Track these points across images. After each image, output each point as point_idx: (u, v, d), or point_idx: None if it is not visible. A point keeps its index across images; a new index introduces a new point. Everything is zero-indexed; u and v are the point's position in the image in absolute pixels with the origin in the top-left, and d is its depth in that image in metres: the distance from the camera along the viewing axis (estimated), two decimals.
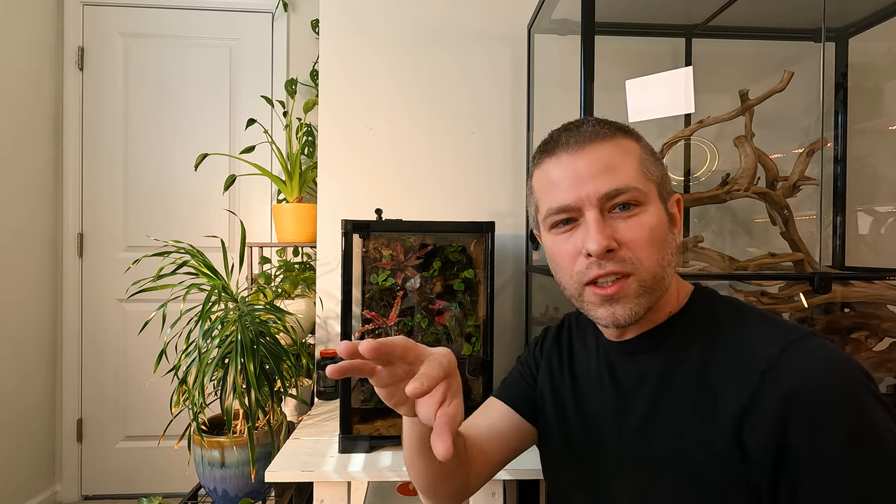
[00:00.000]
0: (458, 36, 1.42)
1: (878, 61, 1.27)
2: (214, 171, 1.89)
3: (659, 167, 0.55)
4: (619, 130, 0.55)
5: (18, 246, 1.75)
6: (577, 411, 0.62)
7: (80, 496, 1.95)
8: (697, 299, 0.56)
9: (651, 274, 0.51)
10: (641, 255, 0.51)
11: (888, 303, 0.95)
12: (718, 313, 0.53)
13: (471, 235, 1.06)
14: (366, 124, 1.41)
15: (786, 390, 0.43)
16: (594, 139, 0.53)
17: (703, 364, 0.50)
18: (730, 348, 0.50)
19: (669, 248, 0.53)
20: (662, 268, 0.52)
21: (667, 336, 0.55)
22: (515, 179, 1.42)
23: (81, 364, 1.95)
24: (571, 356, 0.66)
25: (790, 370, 0.44)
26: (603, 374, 0.60)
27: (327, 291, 1.41)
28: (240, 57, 1.96)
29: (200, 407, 1.03)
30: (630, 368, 0.57)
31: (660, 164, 0.55)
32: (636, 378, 0.56)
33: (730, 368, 0.48)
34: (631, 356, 0.57)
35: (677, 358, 0.53)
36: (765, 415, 0.44)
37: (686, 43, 1.37)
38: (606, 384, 0.59)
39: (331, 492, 0.92)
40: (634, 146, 0.54)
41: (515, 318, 1.43)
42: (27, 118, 1.78)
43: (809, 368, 0.44)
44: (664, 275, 0.52)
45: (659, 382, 0.53)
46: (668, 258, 0.53)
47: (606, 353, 0.60)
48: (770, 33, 1.34)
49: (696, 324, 0.54)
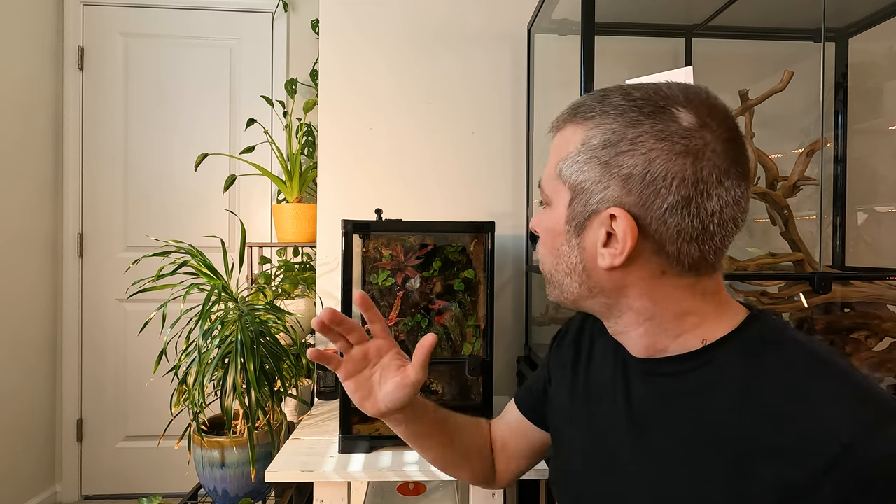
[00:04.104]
0: (459, 36, 1.42)
1: (878, 61, 1.27)
2: (214, 171, 1.89)
3: (591, 171, 0.45)
4: (573, 116, 0.48)
5: (18, 246, 1.75)
6: (587, 421, 0.57)
7: (80, 496, 1.96)
8: (748, 330, 0.46)
9: (548, 270, 0.52)
10: (541, 250, 0.53)
11: (888, 303, 0.95)
12: (775, 354, 0.43)
13: (471, 235, 1.06)
14: (366, 124, 1.41)
15: (862, 486, 0.35)
16: (557, 126, 0.51)
17: (744, 410, 0.42)
18: (788, 405, 0.40)
19: (564, 260, 0.49)
20: (555, 274, 0.51)
21: (699, 365, 0.46)
22: (515, 179, 1.42)
23: (81, 364, 1.95)
24: (590, 359, 0.60)
25: (873, 465, 0.35)
26: (616, 389, 0.53)
27: (327, 291, 1.41)
28: (240, 57, 1.96)
29: (200, 407, 1.03)
30: (650, 388, 0.50)
31: (599, 168, 0.45)
32: (654, 401, 0.49)
33: (785, 431, 0.39)
34: (651, 376, 0.50)
35: (710, 395, 0.44)
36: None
37: (686, 43, 1.37)
38: (619, 400, 0.53)
39: (331, 492, 0.92)
40: (574, 139, 0.47)
41: (515, 318, 1.42)
42: (27, 118, 1.78)
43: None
44: (560, 280, 0.51)
45: (683, 414, 0.46)
46: (564, 269, 0.50)
47: (624, 364, 0.54)
48: (770, 33, 1.34)
49: (740, 360, 0.44)
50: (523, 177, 1.41)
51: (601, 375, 0.57)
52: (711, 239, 0.44)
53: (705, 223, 0.43)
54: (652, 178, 0.43)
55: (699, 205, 0.43)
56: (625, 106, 0.45)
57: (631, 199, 0.44)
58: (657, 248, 0.45)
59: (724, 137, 0.43)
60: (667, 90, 0.45)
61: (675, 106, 0.44)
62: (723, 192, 0.43)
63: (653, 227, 0.44)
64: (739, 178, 0.44)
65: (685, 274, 0.46)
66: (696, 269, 0.45)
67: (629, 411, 0.51)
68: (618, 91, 0.47)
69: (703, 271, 0.46)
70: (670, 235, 0.44)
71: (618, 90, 0.47)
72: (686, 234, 0.43)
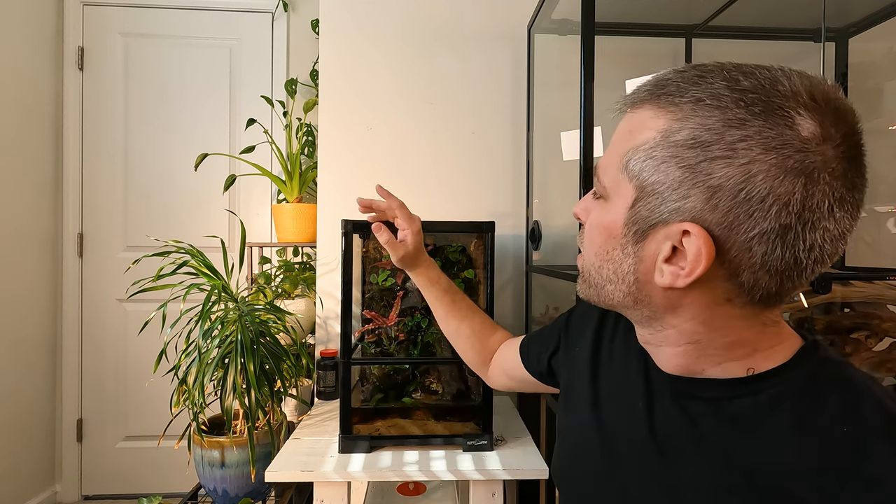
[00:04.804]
0: (458, 36, 1.42)
1: (878, 61, 1.27)
2: (214, 171, 1.89)
3: (669, 172, 0.37)
4: (656, 96, 0.38)
5: (18, 246, 1.75)
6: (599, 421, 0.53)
7: (80, 496, 1.95)
8: (803, 364, 0.40)
9: (587, 267, 0.46)
10: (584, 244, 0.46)
11: (888, 303, 0.95)
12: (834, 396, 0.37)
13: (471, 235, 1.06)
14: (366, 124, 1.41)
15: None
16: (633, 103, 0.41)
17: (788, 455, 0.37)
18: (844, 458, 0.35)
19: (611, 266, 0.42)
20: (596, 277, 0.45)
21: (741, 396, 0.41)
22: (515, 179, 1.42)
23: (81, 364, 1.95)
24: (611, 355, 0.55)
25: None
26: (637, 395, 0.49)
27: (327, 291, 1.41)
28: (240, 57, 1.96)
29: (200, 407, 1.03)
30: (677, 409, 0.45)
31: (680, 171, 0.36)
32: (681, 425, 0.44)
33: (834, 489, 0.34)
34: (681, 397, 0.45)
35: (750, 431, 0.39)
36: None
37: (686, 43, 1.37)
38: (640, 408, 0.48)
39: (331, 492, 0.92)
40: (652, 126, 0.38)
41: (515, 318, 1.42)
42: (27, 118, 1.78)
43: None
44: (599, 284, 0.44)
45: (714, 447, 0.41)
46: (608, 275, 0.43)
47: (648, 376, 0.49)
48: (770, 33, 1.34)
49: (791, 398, 0.38)
50: (523, 177, 1.41)
51: (624, 375, 0.52)
52: (800, 275, 0.36)
53: (799, 258, 0.35)
54: (747, 196, 0.34)
55: (798, 236, 0.34)
56: (728, 97, 0.35)
57: (714, 217, 0.35)
58: (729, 275, 0.37)
59: (848, 156, 0.35)
60: (787, 82, 0.35)
61: (796, 107, 0.34)
62: (830, 225, 0.35)
63: (732, 252, 0.36)
64: (854, 209, 0.36)
65: (751, 305, 0.39)
66: (765, 301, 0.38)
67: (651, 428, 0.46)
68: (719, 73, 0.36)
69: (772, 304, 0.39)
70: (751, 265, 0.36)
71: (719, 72, 0.36)
72: (772, 266, 0.36)
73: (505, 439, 1.05)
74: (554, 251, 1.39)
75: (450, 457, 0.97)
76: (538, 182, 1.40)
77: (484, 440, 0.99)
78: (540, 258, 1.38)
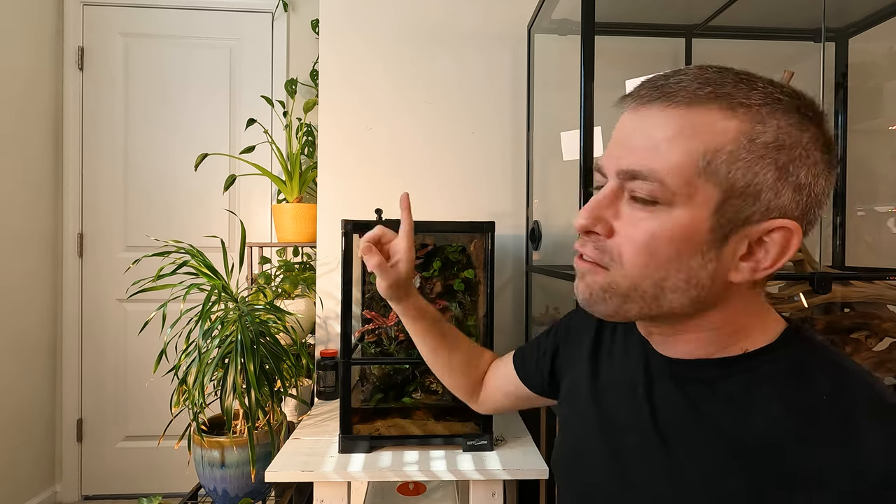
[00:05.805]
0: (459, 36, 1.42)
1: (878, 61, 1.27)
2: (214, 171, 1.88)
3: (764, 173, 0.38)
4: (715, 97, 0.39)
5: (18, 246, 1.75)
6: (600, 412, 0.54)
7: (80, 496, 1.96)
8: (788, 342, 0.43)
9: (631, 283, 0.42)
10: (627, 257, 0.42)
11: (888, 303, 0.95)
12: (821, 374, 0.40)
13: (471, 235, 1.06)
14: (366, 124, 1.41)
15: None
16: (663, 100, 0.40)
17: (781, 428, 0.39)
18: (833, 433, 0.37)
19: (682, 275, 0.41)
20: (653, 288, 0.42)
21: (735, 373, 0.43)
22: (515, 179, 1.42)
23: (81, 364, 1.95)
24: (612, 349, 0.57)
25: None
26: (636, 383, 0.50)
27: (327, 291, 1.41)
28: (240, 57, 1.96)
29: (200, 407, 1.03)
30: (677, 392, 0.46)
31: (774, 171, 0.38)
32: (680, 406, 0.45)
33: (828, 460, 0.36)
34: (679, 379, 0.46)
35: (744, 405, 0.41)
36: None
37: (686, 43, 1.37)
38: (639, 395, 0.49)
39: (331, 492, 0.92)
40: (726, 128, 0.38)
41: (515, 318, 1.42)
42: (27, 118, 1.78)
43: None
44: (656, 295, 0.42)
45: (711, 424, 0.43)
46: (678, 284, 0.41)
47: (647, 362, 0.50)
48: (770, 33, 1.34)
49: (782, 375, 0.41)
50: (523, 177, 1.41)
51: (624, 365, 0.54)
52: None
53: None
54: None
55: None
56: (788, 102, 0.39)
57: (798, 213, 0.39)
58: None
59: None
60: (804, 94, 0.41)
61: (823, 115, 0.40)
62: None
63: None
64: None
65: (762, 284, 0.44)
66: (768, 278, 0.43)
67: (651, 412, 0.47)
68: (755, 77, 0.40)
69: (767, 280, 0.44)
70: None
71: (759, 79, 0.40)
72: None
73: (505, 439, 1.05)
74: (554, 251, 1.39)
75: (450, 457, 0.97)
76: (538, 182, 1.40)
77: (484, 440, 0.99)
78: (540, 258, 1.38)
